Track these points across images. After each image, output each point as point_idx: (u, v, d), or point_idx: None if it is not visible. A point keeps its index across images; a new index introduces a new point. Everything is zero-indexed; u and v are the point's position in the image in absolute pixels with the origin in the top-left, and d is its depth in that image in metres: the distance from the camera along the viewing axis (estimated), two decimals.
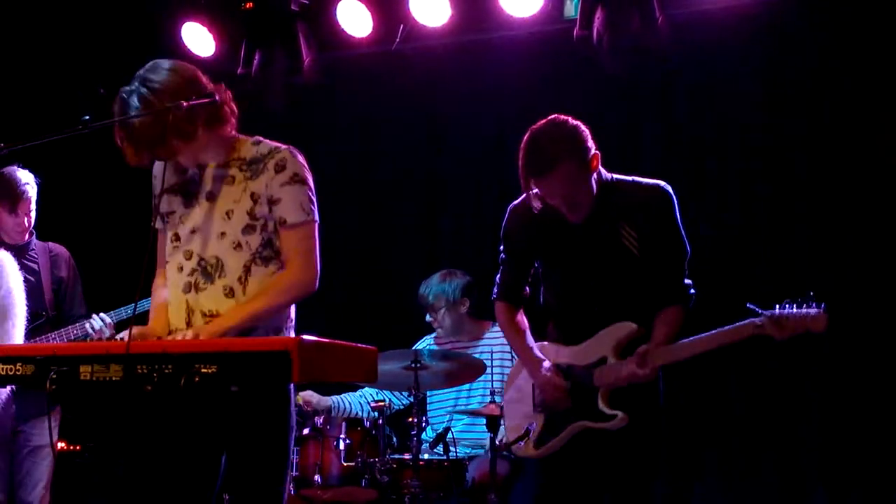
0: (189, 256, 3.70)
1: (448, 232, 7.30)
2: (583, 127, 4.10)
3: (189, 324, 3.64)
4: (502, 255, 4.48)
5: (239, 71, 6.87)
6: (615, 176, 4.23)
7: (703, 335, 4.04)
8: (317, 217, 3.72)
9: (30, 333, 5.24)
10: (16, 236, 5.59)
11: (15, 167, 5.54)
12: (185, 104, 3.48)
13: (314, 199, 3.72)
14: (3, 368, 3.24)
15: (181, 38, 7.07)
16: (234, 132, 3.77)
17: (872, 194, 6.06)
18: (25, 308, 4.58)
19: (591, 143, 4.09)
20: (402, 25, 6.80)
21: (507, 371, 6.08)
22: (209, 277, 3.66)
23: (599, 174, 4.17)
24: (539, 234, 4.30)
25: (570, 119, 4.12)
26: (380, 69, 7.13)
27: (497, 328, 6.25)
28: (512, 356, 6.13)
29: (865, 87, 6.11)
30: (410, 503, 5.37)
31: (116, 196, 7.36)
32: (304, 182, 3.69)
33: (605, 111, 6.52)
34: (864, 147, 6.11)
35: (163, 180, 3.69)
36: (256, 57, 6.93)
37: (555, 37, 6.64)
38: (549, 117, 4.14)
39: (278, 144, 3.75)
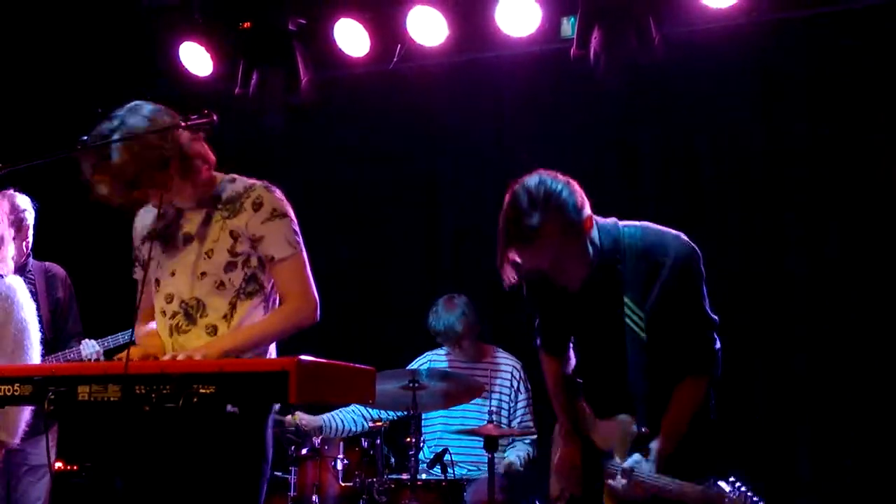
0: (170, 300, 3.72)
1: (445, 251, 7.30)
2: (573, 184, 3.62)
3: None
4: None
5: (236, 91, 6.87)
6: (623, 224, 3.77)
7: (677, 483, 3.59)
8: (303, 249, 3.73)
9: None
10: (14, 259, 5.58)
11: (13, 192, 5.54)
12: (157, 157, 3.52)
13: (298, 231, 3.74)
14: (2, 389, 3.23)
15: (179, 58, 7.08)
16: (209, 174, 3.75)
17: (870, 212, 6.07)
18: (40, 335, 4.58)
19: (582, 202, 3.60)
20: (399, 45, 6.81)
21: (505, 392, 6.10)
22: (191, 319, 3.69)
23: (601, 229, 3.72)
24: (549, 295, 3.87)
25: (557, 175, 3.62)
26: (377, 88, 7.14)
27: (499, 353, 6.26)
28: (510, 381, 6.14)
29: (860, 105, 6.13)
30: None
31: (113, 216, 7.34)
32: (284, 215, 3.71)
33: (601, 130, 6.54)
34: (861, 165, 6.12)
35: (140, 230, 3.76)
36: (254, 77, 6.93)
37: (552, 56, 6.65)
38: (534, 172, 3.64)
39: (253, 181, 3.77)
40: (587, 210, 3.62)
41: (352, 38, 6.83)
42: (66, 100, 7.41)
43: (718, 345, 3.80)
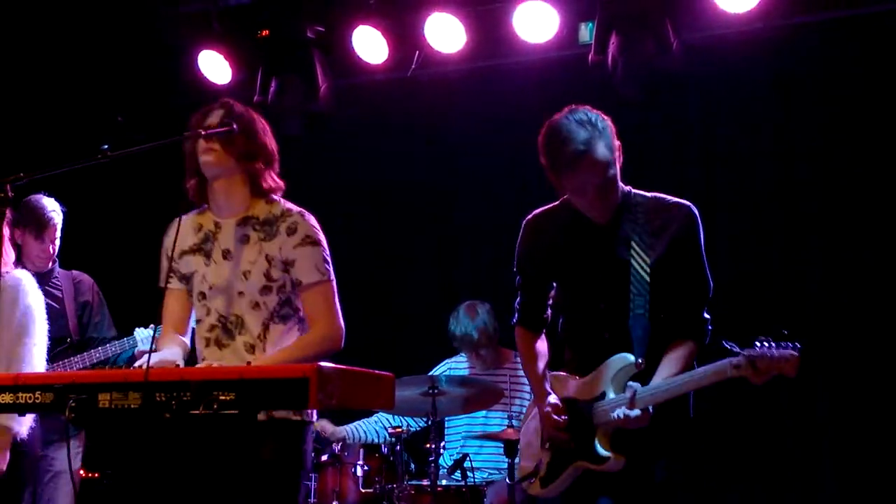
0: (209, 313, 3.80)
1: (462, 257, 7.31)
2: (603, 114, 3.84)
3: None
4: (518, 279, 4.22)
5: (255, 99, 6.90)
6: (634, 190, 3.95)
7: (686, 376, 3.72)
8: (332, 276, 3.81)
9: (54, 358, 5.27)
10: (39, 263, 5.63)
11: (41, 195, 5.59)
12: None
13: (328, 259, 3.81)
14: (23, 397, 3.24)
15: (198, 66, 7.12)
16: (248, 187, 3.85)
17: (885, 210, 6.07)
18: (47, 327, 4.59)
19: (615, 130, 3.83)
20: (417, 52, 6.83)
21: (525, 398, 6.09)
22: (230, 334, 3.77)
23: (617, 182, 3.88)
24: (559, 242, 3.99)
25: (588, 107, 3.84)
26: (395, 96, 7.16)
27: (517, 358, 6.27)
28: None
29: (877, 109, 6.13)
30: None
31: (137, 225, 7.40)
32: (316, 243, 3.79)
33: (619, 136, 6.53)
34: (877, 164, 6.12)
35: (174, 242, 3.77)
36: (273, 84, 6.96)
37: (570, 62, 6.66)
38: (566, 108, 3.86)
39: (291, 207, 3.85)
40: (617, 140, 3.82)
41: (370, 45, 6.85)
42: (88, 108, 7.47)
43: (708, 315, 3.90)
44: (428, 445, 5.50)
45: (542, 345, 4.20)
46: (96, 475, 6.41)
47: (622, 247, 3.87)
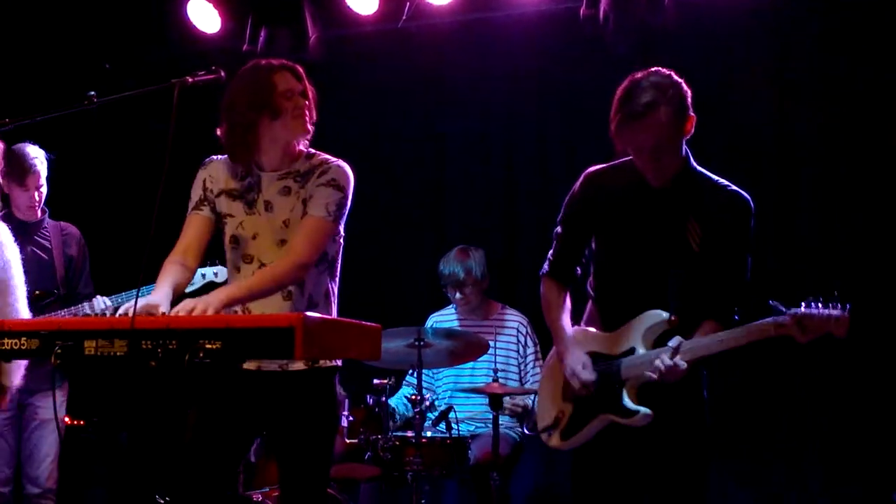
0: (249, 260, 3.86)
1: (454, 209, 7.29)
2: (685, 85, 3.91)
3: None
4: (558, 229, 4.17)
5: (244, 48, 6.85)
6: (699, 167, 4.00)
7: (725, 333, 3.77)
8: (337, 223, 3.86)
9: (40, 311, 5.26)
10: (27, 212, 5.61)
11: (25, 143, 5.57)
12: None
13: (343, 210, 3.87)
14: (8, 343, 3.24)
15: (187, 14, 7.06)
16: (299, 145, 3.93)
17: (884, 183, 6.06)
18: (26, 279, 4.58)
19: (690, 102, 3.89)
20: (408, 3, 6.79)
21: (511, 351, 6.11)
22: None
23: (687, 154, 3.96)
24: (615, 199, 3.99)
25: (673, 74, 3.92)
26: (386, 47, 7.12)
27: (506, 310, 6.28)
28: (517, 337, 6.16)
29: (879, 56, 6.09)
30: (412, 480, 5.39)
31: (127, 177, 7.39)
32: (340, 189, 3.85)
33: (610, 91, 6.50)
34: (877, 112, 6.09)
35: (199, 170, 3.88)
36: (262, 34, 6.92)
37: (561, 16, 6.62)
38: (652, 69, 3.94)
39: (331, 158, 3.93)
40: (692, 112, 3.88)
41: None
42: (76, 57, 7.41)
43: (738, 308, 3.93)
44: (413, 397, 5.52)
45: (566, 299, 4.18)
46: (81, 423, 6.43)
47: (674, 214, 3.90)
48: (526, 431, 5.05)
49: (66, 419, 6.05)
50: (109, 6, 7.30)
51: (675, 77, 3.88)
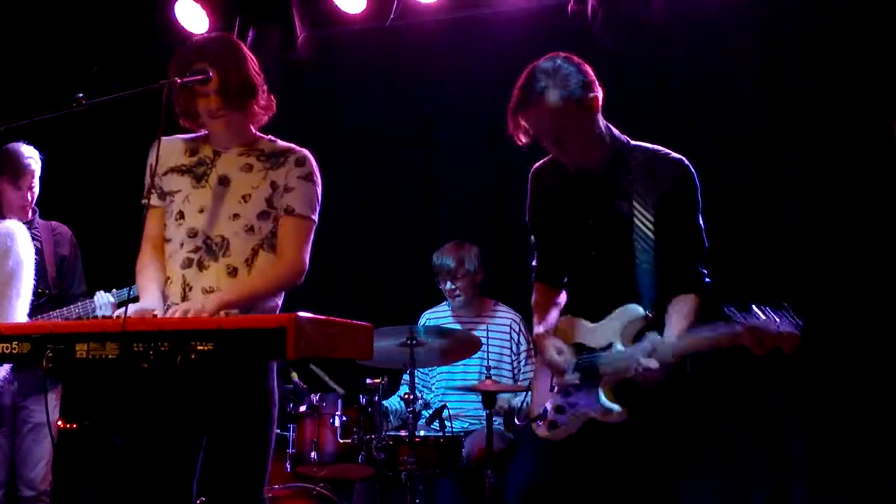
0: (193, 234, 3.77)
1: (443, 207, 7.29)
2: (585, 65, 3.82)
3: (185, 299, 3.71)
4: (531, 237, 4.21)
5: None
6: (633, 142, 3.96)
7: (702, 333, 3.69)
8: (316, 222, 3.87)
9: (32, 311, 5.25)
10: (19, 212, 5.60)
11: (19, 142, 5.56)
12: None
13: (318, 206, 3.88)
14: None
15: (175, 14, 7.05)
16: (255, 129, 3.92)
17: (872, 172, 6.06)
18: (33, 282, 4.58)
19: (589, 82, 3.79)
20: (395, 1, 6.78)
21: (504, 348, 6.11)
22: (213, 255, 3.74)
23: (611, 131, 3.91)
24: (556, 189, 4.02)
25: (571, 56, 3.85)
26: (374, 45, 7.11)
27: (498, 307, 6.28)
28: (510, 334, 6.16)
29: (867, 52, 6.09)
30: (407, 480, 5.38)
31: (116, 177, 7.35)
32: (315, 183, 3.88)
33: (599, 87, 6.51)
34: (866, 106, 6.09)
35: (156, 160, 3.74)
36: (250, 33, 6.91)
37: (549, 12, 6.63)
38: (552, 53, 3.88)
39: (293, 146, 3.92)
40: (596, 91, 3.80)
41: None
42: (63, 56, 7.39)
43: (704, 269, 3.90)
44: (406, 396, 5.51)
45: (559, 297, 4.15)
46: (74, 426, 6.42)
47: (617, 198, 3.86)
48: (517, 422, 5.04)
49: (60, 423, 6.04)
50: (96, 6, 7.28)
51: (572, 60, 3.82)
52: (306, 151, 3.91)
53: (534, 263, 4.22)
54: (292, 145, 3.93)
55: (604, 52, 6.28)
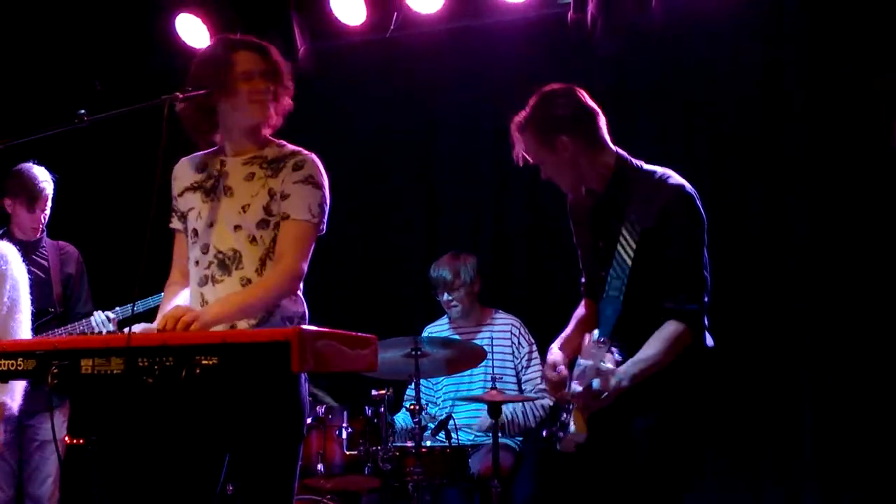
0: (206, 250, 3.70)
1: (445, 220, 7.29)
2: (573, 98, 3.87)
3: None
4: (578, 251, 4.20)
5: None
6: (640, 164, 3.90)
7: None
8: (319, 225, 3.71)
9: (37, 329, 5.25)
10: (30, 233, 5.63)
11: (31, 164, 5.56)
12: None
13: (325, 209, 3.72)
14: (4, 364, 3.23)
15: (175, 29, 7.06)
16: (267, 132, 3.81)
17: (875, 180, 6.05)
18: (30, 300, 4.58)
19: (561, 123, 3.81)
20: (395, 13, 6.79)
21: (507, 356, 6.11)
22: (226, 269, 3.66)
23: (620, 158, 3.88)
24: (577, 209, 4.07)
25: (573, 91, 3.91)
26: (374, 57, 7.12)
27: (497, 314, 6.28)
28: (510, 339, 6.15)
29: (866, 52, 6.08)
30: (413, 491, 5.38)
31: (122, 194, 7.38)
32: (317, 186, 3.70)
33: (599, 96, 6.51)
34: (865, 109, 6.08)
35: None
36: None
37: (549, 21, 6.64)
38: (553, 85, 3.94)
39: (302, 149, 3.78)
40: (570, 132, 3.82)
41: (348, 6, 6.80)
42: (63, 73, 7.40)
43: (696, 305, 3.73)
44: (412, 407, 5.51)
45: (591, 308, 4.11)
46: (81, 442, 6.41)
47: (612, 217, 3.82)
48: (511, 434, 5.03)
49: (67, 439, 6.04)
50: (97, 22, 7.29)
51: (561, 95, 3.90)
52: (309, 154, 3.75)
53: (581, 279, 4.22)
54: (298, 149, 3.78)
55: (603, 61, 6.32)
